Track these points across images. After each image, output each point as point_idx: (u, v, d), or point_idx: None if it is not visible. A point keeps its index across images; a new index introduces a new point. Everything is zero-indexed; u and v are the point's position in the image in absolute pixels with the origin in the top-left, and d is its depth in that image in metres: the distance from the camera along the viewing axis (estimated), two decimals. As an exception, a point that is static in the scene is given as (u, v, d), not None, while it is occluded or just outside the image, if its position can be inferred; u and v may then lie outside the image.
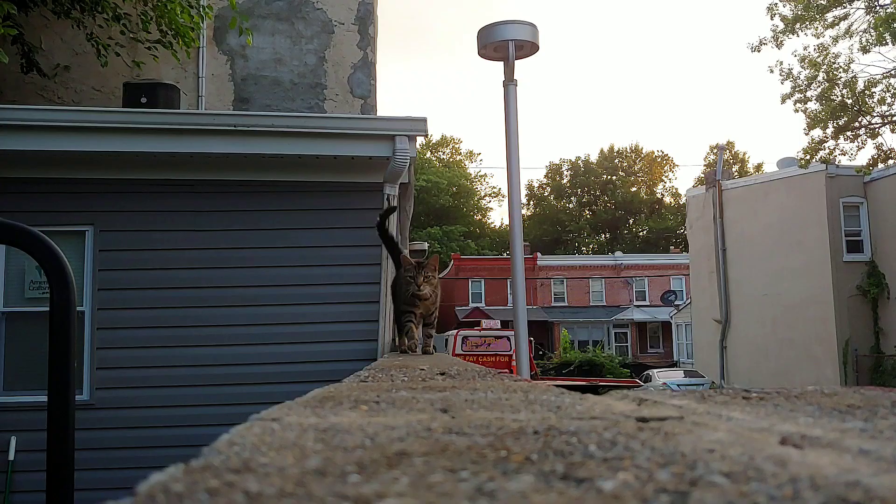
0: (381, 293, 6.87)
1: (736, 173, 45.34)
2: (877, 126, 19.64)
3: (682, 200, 46.07)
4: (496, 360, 19.85)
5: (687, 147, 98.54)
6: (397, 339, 4.57)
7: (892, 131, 19.68)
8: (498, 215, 71.17)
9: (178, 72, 9.20)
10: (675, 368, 31.73)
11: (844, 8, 19.19)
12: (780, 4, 19.57)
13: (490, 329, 22.87)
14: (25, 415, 6.28)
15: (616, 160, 63.66)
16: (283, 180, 6.97)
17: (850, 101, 19.18)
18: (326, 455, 0.65)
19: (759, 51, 19.89)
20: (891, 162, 20.07)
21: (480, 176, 64.16)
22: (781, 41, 19.53)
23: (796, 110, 19.74)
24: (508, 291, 35.75)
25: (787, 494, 0.50)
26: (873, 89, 19.38)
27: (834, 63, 19.37)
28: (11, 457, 6.35)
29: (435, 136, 60.58)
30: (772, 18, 19.58)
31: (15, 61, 8.19)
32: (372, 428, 0.80)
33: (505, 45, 5.92)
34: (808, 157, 19.92)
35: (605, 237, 62.00)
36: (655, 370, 29.73)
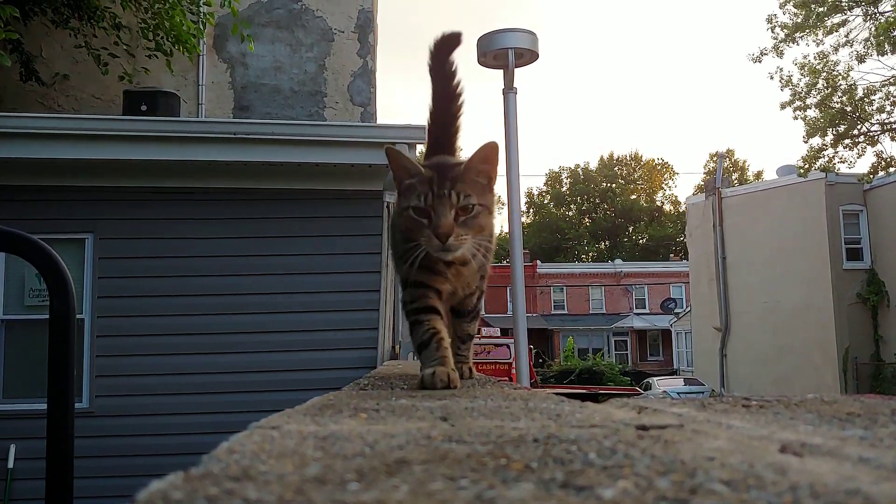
0: (380, 300, 6.87)
1: (736, 181, 45.41)
2: (876, 133, 19.67)
3: (682, 208, 46.12)
4: (496, 367, 19.80)
5: (687, 155, 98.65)
6: (413, 349, 2.25)
7: (893, 139, 19.71)
8: (497, 223, 71.12)
9: (179, 80, 9.22)
10: (674, 376, 31.69)
11: (844, 14, 19.24)
12: (778, 15, 19.62)
13: (489, 337, 22.80)
14: (25, 422, 6.27)
15: (616, 168, 63.74)
16: (283, 188, 6.98)
17: (849, 109, 19.22)
18: (326, 463, 0.64)
19: (759, 61, 19.94)
20: (891, 170, 20.09)
21: (480, 184, 64.11)
22: (782, 50, 19.58)
23: (795, 118, 19.77)
24: (508, 299, 35.78)
25: (787, 502, 0.50)
26: (872, 97, 19.41)
27: (833, 70, 19.41)
28: (11, 465, 6.34)
29: (434, 144, 60.58)
30: (772, 31, 19.62)
31: (15, 70, 8.21)
32: (371, 436, 0.80)
33: (504, 53, 5.94)
34: (806, 165, 19.95)
35: (605, 245, 62.00)
36: (655, 378, 29.69)
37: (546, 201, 64.56)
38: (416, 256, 1.88)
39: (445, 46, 2.36)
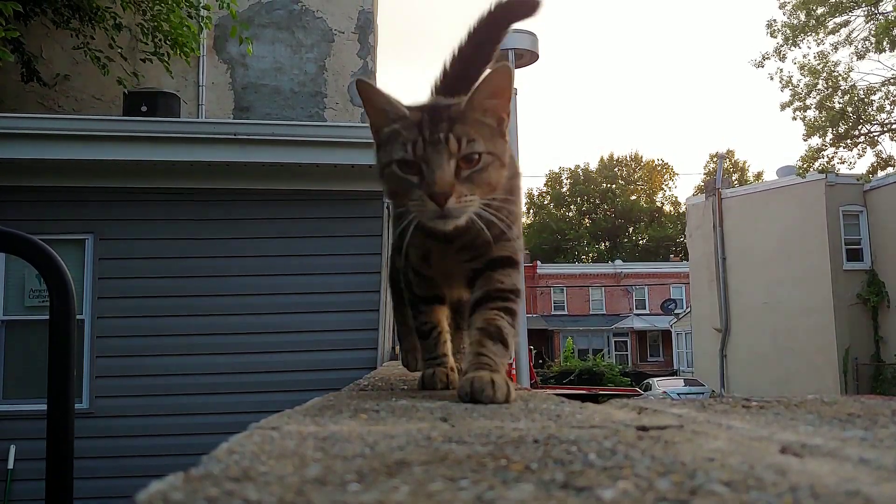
0: (380, 301, 6.87)
1: (736, 182, 45.40)
2: (876, 134, 19.70)
3: (682, 209, 46.10)
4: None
5: (687, 155, 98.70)
6: (418, 350, 1.90)
7: (892, 139, 19.77)
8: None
9: (179, 80, 9.22)
10: (675, 377, 31.68)
11: (845, 15, 19.27)
12: (778, 19, 19.63)
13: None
14: (24, 423, 6.27)
15: (616, 168, 63.69)
16: (283, 189, 6.98)
17: (849, 109, 19.23)
18: (326, 464, 0.64)
19: (762, 66, 19.94)
20: (890, 170, 20.10)
21: (480, 184, 64.01)
22: (784, 54, 19.59)
23: (794, 118, 19.79)
24: (508, 300, 35.50)
25: (788, 503, 0.50)
26: (872, 97, 19.44)
27: (833, 71, 19.43)
28: (11, 465, 6.34)
29: (435, 145, 60.53)
30: (773, 36, 19.64)
31: (16, 70, 8.21)
32: (372, 437, 0.80)
33: (504, 53, 5.94)
34: (806, 165, 19.96)
35: (605, 245, 61.95)
36: (655, 379, 29.68)
37: (546, 202, 64.50)
38: (408, 227, 1.43)
39: (512, 13, 1.85)
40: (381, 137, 1.51)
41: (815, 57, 19.61)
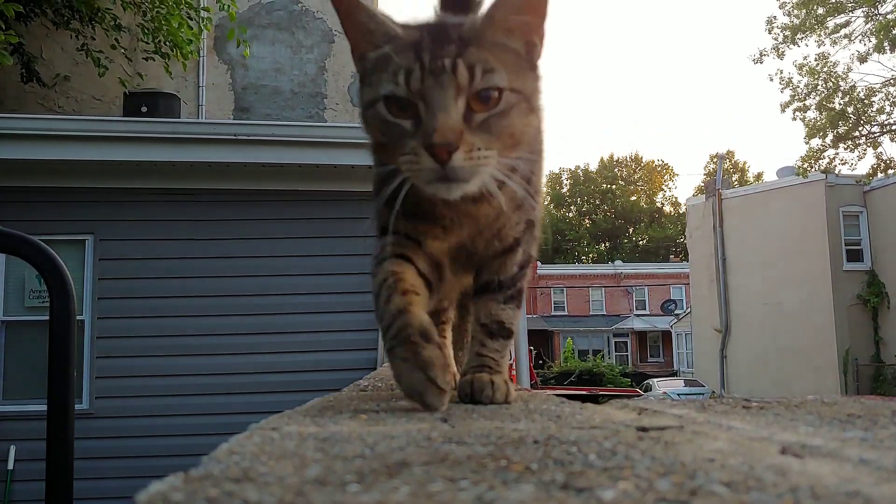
0: (380, 302, 6.86)
1: (736, 182, 45.39)
2: (876, 135, 19.74)
3: (682, 209, 46.09)
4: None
5: (687, 156, 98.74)
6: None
7: (893, 140, 19.84)
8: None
9: (179, 81, 9.22)
10: (675, 378, 31.67)
11: (846, 15, 19.32)
12: (778, 17, 19.68)
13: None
14: (25, 424, 6.26)
15: (616, 169, 63.71)
16: (284, 189, 6.98)
17: (850, 110, 19.28)
18: (326, 464, 0.64)
19: (761, 62, 20.02)
20: (891, 172, 20.13)
21: (480, 185, 64.04)
22: (783, 52, 19.65)
23: (794, 118, 19.84)
24: (508, 300, 35.36)
25: (788, 504, 0.50)
26: (872, 98, 19.49)
27: (833, 71, 19.48)
28: (10, 466, 6.34)
29: (435, 146, 60.57)
30: (770, 32, 19.70)
31: (16, 71, 8.21)
32: (372, 437, 0.80)
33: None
34: (806, 165, 20.00)
35: (605, 246, 61.96)
36: (655, 379, 29.67)
37: (546, 202, 64.39)
38: (398, 192, 1.07)
39: None
40: (364, 66, 1.17)
41: (815, 58, 19.68)
